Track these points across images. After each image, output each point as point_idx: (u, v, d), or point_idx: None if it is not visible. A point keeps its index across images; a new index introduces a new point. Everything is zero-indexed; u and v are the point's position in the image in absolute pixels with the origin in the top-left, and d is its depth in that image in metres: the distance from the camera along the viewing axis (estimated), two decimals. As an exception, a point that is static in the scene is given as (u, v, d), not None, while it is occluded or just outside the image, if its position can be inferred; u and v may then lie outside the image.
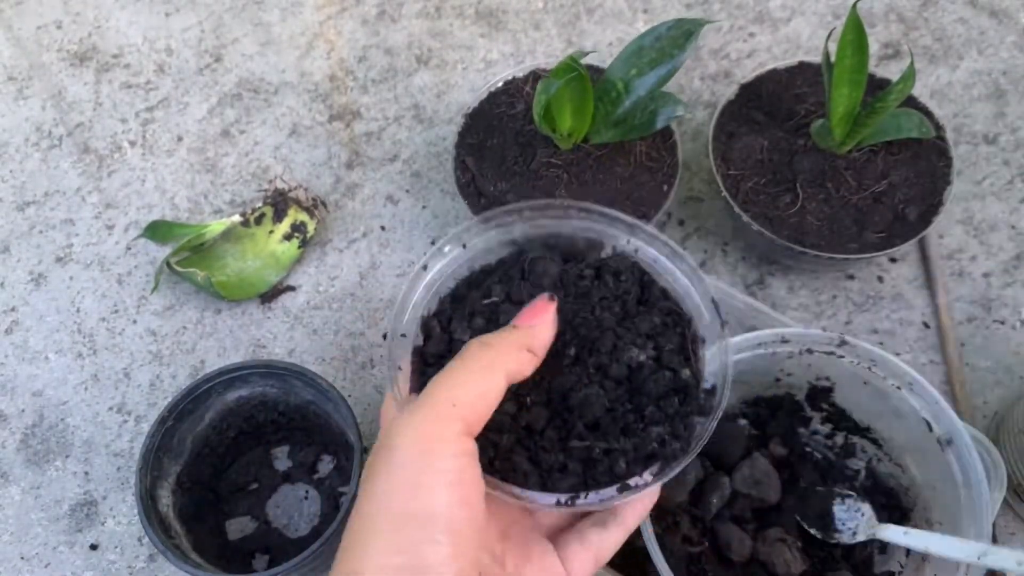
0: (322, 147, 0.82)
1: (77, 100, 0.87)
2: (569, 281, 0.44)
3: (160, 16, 0.91)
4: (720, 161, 0.68)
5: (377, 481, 0.34)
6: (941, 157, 0.67)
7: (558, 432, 0.40)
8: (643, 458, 0.39)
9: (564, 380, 0.41)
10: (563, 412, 0.40)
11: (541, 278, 0.43)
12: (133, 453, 0.69)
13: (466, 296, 0.44)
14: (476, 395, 0.35)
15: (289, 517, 0.65)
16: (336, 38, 0.88)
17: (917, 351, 0.68)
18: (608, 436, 0.40)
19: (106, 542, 0.66)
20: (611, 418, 0.40)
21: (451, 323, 0.43)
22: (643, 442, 0.39)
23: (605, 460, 0.39)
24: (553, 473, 0.39)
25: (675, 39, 0.64)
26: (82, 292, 0.76)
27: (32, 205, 0.81)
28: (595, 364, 0.41)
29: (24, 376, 0.73)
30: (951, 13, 0.83)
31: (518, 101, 0.73)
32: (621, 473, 0.39)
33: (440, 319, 0.44)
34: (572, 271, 0.44)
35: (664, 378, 0.41)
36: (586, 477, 0.39)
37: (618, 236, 0.45)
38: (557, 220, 0.46)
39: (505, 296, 0.43)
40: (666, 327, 0.43)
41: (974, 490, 0.50)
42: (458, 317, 0.43)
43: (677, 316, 0.43)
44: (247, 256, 0.74)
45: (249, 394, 0.63)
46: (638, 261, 0.45)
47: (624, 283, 0.44)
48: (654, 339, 0.42)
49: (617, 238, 0.45)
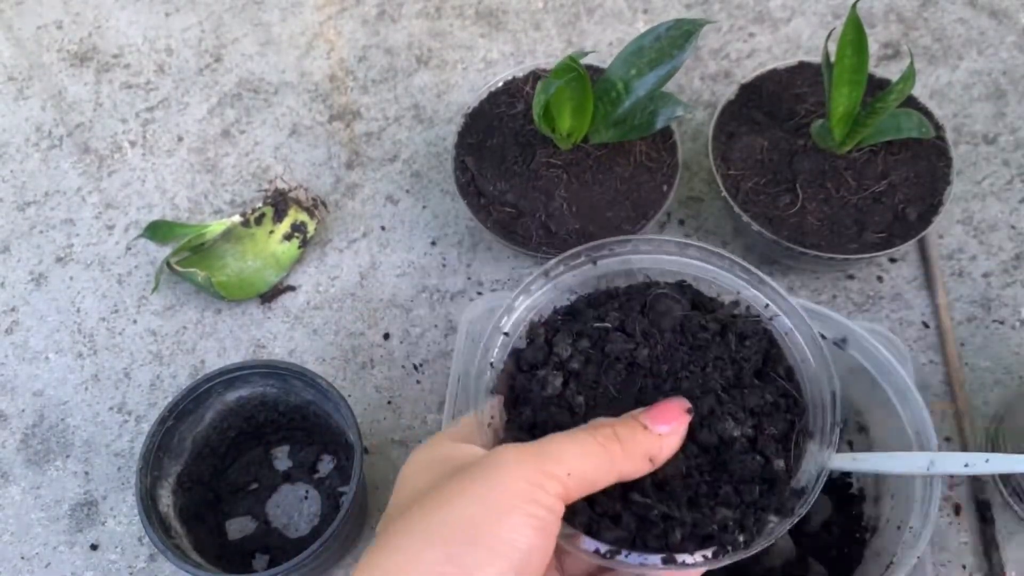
0: (322, 147, 0.82)
1: (77, 100, 0.87)
2: (690, 329, 0.41)
3: (160, 16, 0.91)
4: (720, 161, 0.69)
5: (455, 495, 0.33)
6: (941, 157, 0.67)
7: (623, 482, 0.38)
8: (700, 537, 0.37)
9: None
10: None
11: (661, 317, 0.41)
12: (133, 453, 0.69)
13: (582, 313, 0.43)
14: (590, 480, 0.35)
15: (289, 517, 0.65)
16: (336, 38, 0.88)
17: (917, 351, 0.68)
18: (671, 502, 0.37)
19: (106, 542, 0.66)
20: (683, 484, 0.37)
21: (556, 336, 0.41)
22: (705, 520, 0.37)
23: (661, 525, 0.37)
24: (604, 520, 0.37)
25: (675, 39, 0.64)
26: (82, 292, 0.76)
27: (32, 205, 0.81)
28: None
29: (24, 376, 0.73)
30: (951, 13, 0.83)
31: (518, 101, 0.73)
32: (673, 544, 0.36)
33: (547, 329, 0.42)
34: (696, 320, 0.41)
35: (753, 462, 0.38)
36: (636, 535, 0.37)
37: (758, 297, 0.43)
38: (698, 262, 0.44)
39: (619, 324, 0.41)
40: (776, 409, 0.40)
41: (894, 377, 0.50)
42: (565, 331, 0.41)
43: (793, 401, 0.40)
44: (247, 256, 0.74)
45: (249, 394, 0.63)
46: (771, 330, 0.42)
47: (747, 349, 0.41)
48: (758, 418, 0.39)
49: (757, 299, 0.43)
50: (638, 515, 0.37)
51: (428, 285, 0.74)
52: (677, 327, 0.41)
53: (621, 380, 0.40)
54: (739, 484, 0.38)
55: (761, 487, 0.38)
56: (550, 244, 0.68)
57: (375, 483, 0.66)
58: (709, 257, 0.44)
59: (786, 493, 0.38)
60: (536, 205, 0.68)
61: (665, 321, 0.41)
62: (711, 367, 0.40)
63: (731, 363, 0.40)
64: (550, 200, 0.68)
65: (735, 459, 0.38)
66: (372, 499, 0.65)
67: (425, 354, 0.71)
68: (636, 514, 0.37)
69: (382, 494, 0.66)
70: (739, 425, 0.38)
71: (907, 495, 0.54)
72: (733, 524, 0.37)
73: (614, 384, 0.40)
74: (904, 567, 0.51)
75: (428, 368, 0.70)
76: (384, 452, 0.67)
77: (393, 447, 0.68)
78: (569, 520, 0.36)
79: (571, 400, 0.39)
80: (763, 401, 0.39)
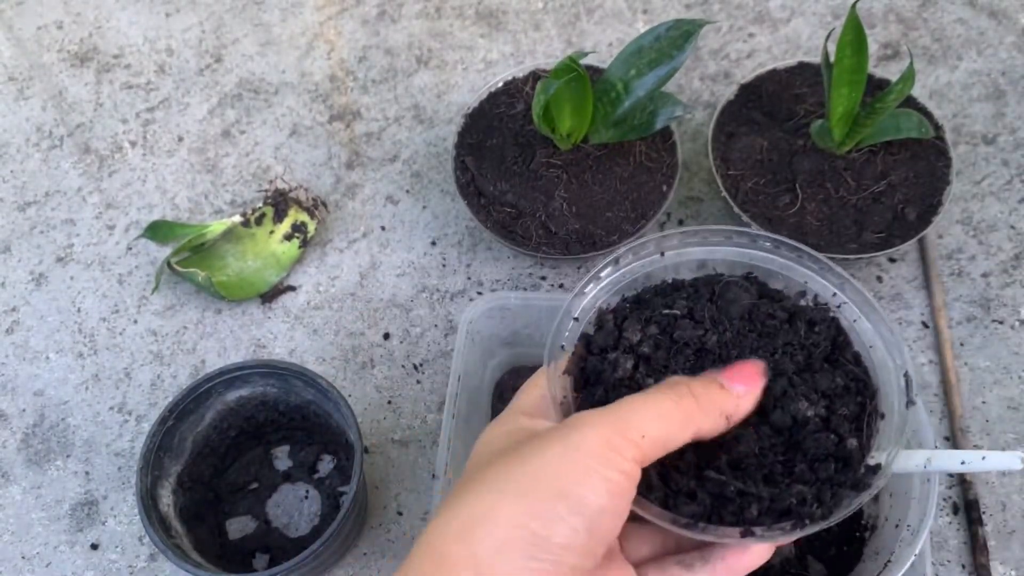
0: (322, 147, 0.82)
1: (78, 100, 0.87)
2: (759, 317, 0.41)
3: (160, 16, 0.91)
4: (720, 161, 0.69)
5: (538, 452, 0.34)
6: (940, 157, 0.67)
7: (698, 459, 0.38)
8: (777, 512, 0.37)
9: None
10: (710, 443, 0.38)
11: (730, 305, 0.41)
12: (134, 453, 0.69)
13: (649, 302, 0.43)
14: (664, 439, 0.35)
15: (289, 517, 0.65)
16: (336, 38, 0.88)
17: (916, 351, 0.68)
18: (747, 479, 0.37)
19: (107, 541, 0.66)
20: (757, 463, 0.38)
21: (625, 322, 0.42)
22: (782, 495, 0.37)
23: (737, 501, 0.37)
24: (680, 496, 0.37)
25: (674, 39, 0.64)
26: (83, 292, 0.76)
27: (33, 205, 0.81)
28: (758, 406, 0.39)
29: (25, 376, 0.73)
30: (950, 13, 0.84)
31: (518, 101, 0.73)
32: (750, 519, 0.37)
33: (616, 315, 0.43)
34: (764, 307, 0.42)
35: (827, 441, 0.38)
36: (712, 512, 0.37)
37: (826, 287, 0.43)
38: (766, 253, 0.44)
39: (687, 312, 0.42)
40: (847, 391, 0.40)
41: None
42: (634, 318, 0.42)
43: (863, 384, 0.41)
44: (247, 256, 0.74)
45: (250, 394, 0.63)
46: (838, 317, 0.43)
47: (816, 335, 0.41)
48: (829, 399, 0.39)
49: (825, 288, 0.43)
50: (713, 492, 0.37)
51: (428, 285, 0.74)
52: (746, 315, 0.41)
53: (690, 365, 0.40)
54: (814, 462, 0.38)
55: (836, 464, 0.38)
56: (550, 244, 0.68)
57: (375, 483, 0.66)
58: (779, 248, 0.45)
59: (861, 469, 0.38)
60: (536, 205, 0.68)
61: (734, 309, 0.41)
62: (781, 352, 0.40)
63: (800, 348, 0.41)
64: (550, 200, 0.68)
65: (809, 438, 0.38)
66: (372, 499, 0.66)
67: (425, 354, 0.71)
68: (711, 492, 0.37)
69: (382, 494, 0.66)
70: (812, 406, 0.39)
71: (905, 493, 0.54)
72: (811, 499, 0.37)
73: (683, 368, 0.40)
74: (902, 565, 0.51)
75: (428, 368, 0.71)
76: (384, 452, 0.68)
77: (393, 447, 0.68)
78: (645, 495, 0.37)
79: (641, 383, 0.40)
80: (834, 384, 0.40)
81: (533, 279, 0.74)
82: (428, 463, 0.67)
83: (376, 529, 0.65)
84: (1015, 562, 0.60)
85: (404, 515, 0.65)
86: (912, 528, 0.52)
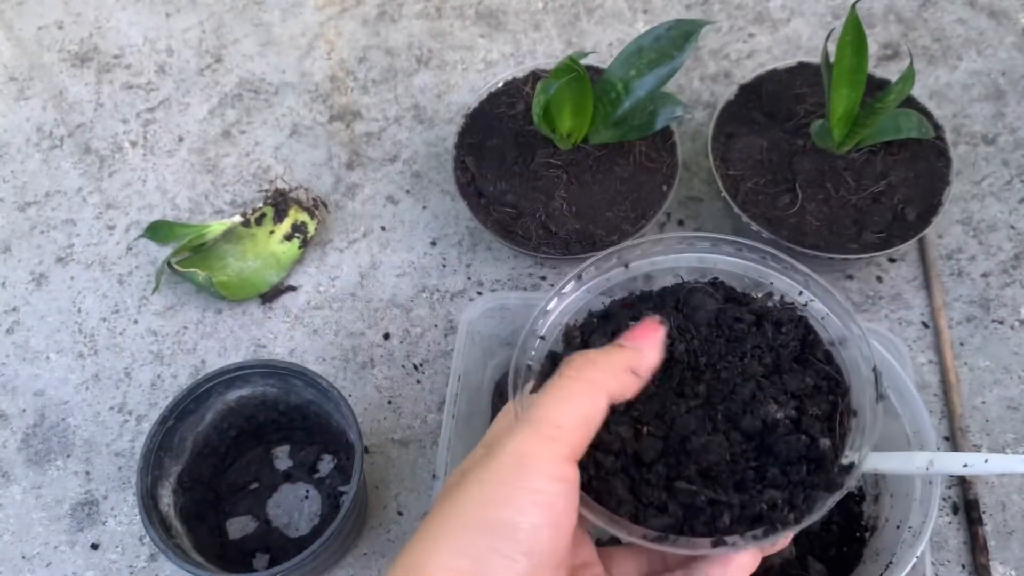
0: (322, 147, 0.82)
1: (78, 100, 0.87)
2: (725, 322, 0.41)
3: (161, 16, 0.91)
4: (720, 161, 0.69)
5: (466, 486, 0.33)
6: (940, 157, 0.67)
7: (667, 470, 0.38)
8: (749, 518, 0.37)
9: (688, 421, 0.38)
10: (679, 452, 0.38)
11: (695, 312, 0.41)
12: (134, 453, 0.69)
13: (616, 315, 0.43)
14: (580, 417, 0.34)
15: (289, 517, 0.65)
16: (336, 38, 0.88)
17: (916, 351, 0.68)
18: (718, 487, 0.37)
19: (107, 541, 0.66)
20: (729, 470, 0.38)
21: (592, 336, 0.42)
22: (753, 501, 0.37)
23: (708, 510, 0.37)
24: (650, 509, 0.37)
25: (675, 40, 0.64)
26: (83, 292, 0.76)
27: (33, 205, 0.81)
28: (726, 412, 0.39)
29: (25, 376, 0.73)
30: (950, 14, 0.84)
31: (518, 101, 0.73)
32: (722, 528, 0.36)
33: (584, 330, 0.42)
34: (731, 312, 0.41)
35: (799, 443, 0.38)
36: (684, 523, 0.37)
37: (792, 285, 0.43)
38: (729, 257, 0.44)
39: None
40: (818, 391, 0.40)
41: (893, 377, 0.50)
42: (600, 332, 0.42)
43: (834, 383, 0.40)
44: (248, 256, 0.74)
45: (250, 394, 0.63)
46: (806, 316, 0.42)
47: (784, 335, 0.41)
48: (800, 400, 0.39)
49: (791, 287, 0.43)
50: (684, 504, 0.37)
51: (428, 285, 0.74)
52: (712, 321, 0.41)
53: (659, 374, 0.40)
54: (785, 465, 0.38)
55: (808, 466, 0.38)
56: (550, 244, 0.68)
57: (375, 483, 0.66)
58: (741, 250, 0.44)
59: (834, 470, 0.38)
60: (536, 205, 0.68)
61: (700, 315, 0.41)
62: (749, 356, 0.40)
63: (769, 350, 0.40)
64: (550, 200, 0.68)
65: (780, 441, 0.38)
66: (372, 499, 0.66)
67: (425, 354, 0.71)
68: (682, 503, 0.37)
69: (382, 494, 0.66)
70: (781, 408, 0.38)
71: (906, 494, 0.54)
72: (782, 503, 0.37)
73: (652, 380, 0.40)
74: (904, 567, 0.51)
75: (428, 368, 0.71)
76: (384, 452, 0.68)
77: (393, 447, 0.68)
78: (615, 510, 0.37)
79: None
80: (804, 384, 0.40)
81: (533, 279, 0.74)
82: (428, 463, 0.67)
83: (376, 529, 0.65)
84: (1015, 562, 0.60)
85: (404, 515, 0.65)
86: (914, 530, 0.52)
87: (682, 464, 0.38)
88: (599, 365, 0.36)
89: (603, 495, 0.37)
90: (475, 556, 0.32)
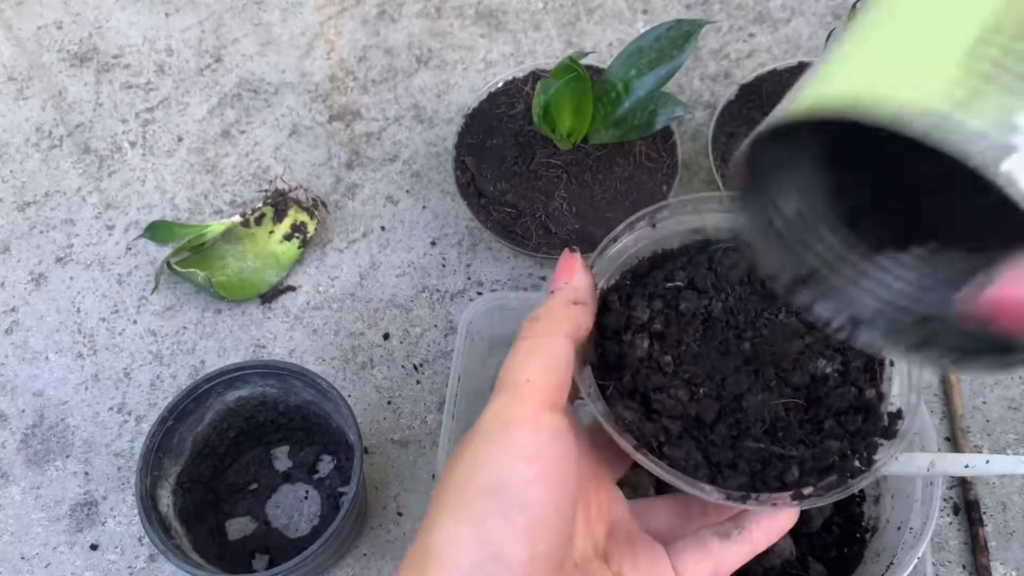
0: (322, 147, 0.82)
1: (77, 100, 0.87)
2: (758, 279, 0.41)
3: (160, 16, 0.91)
4: (720, 161, 0.69)
5: (457, 459, 0.34)
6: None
7: (729, 429, 0.38)
8: (818, 470, 0.37)
9: (740, 379, 0.39)
10: (736, 411, 0.39)
11: (729, 270, 0.41)
12: (133, 453, 0.69)
13: (647, 275, 0.43)
14: (546, 366, 0.35)
15: (289, 517, 0.65)
16: (336, 38, 0.88)
17: (917, 351, 0.68)
18: (784, 442, 0.38)
19: (106, 542, 0.66)
20: (786, 425, 0.38)
21: (631, 300, 0.42)
22: (822, 453, 0.37)
23: (777, 465, 0.37)
24: (724, 469, 0.38)
25: (674, 40, 0.64)
26: (82, 292, 0.76)
27: (32, 205, 0.81)
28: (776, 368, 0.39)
29: (24, 376, 0.73)
30: (951, 13, 0.83)
31: (518, 101, 0.73)
32: (791, 481, 0.37)
33: (620, 294, 0.42)
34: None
35: (848, 394, 0.39)
36: (755, 479, 0.37)
37: None
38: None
39: (688, 282, 0.42)
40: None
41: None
42: (638, 295, 0.42)
43: None
44: (247, 256, 0.74)
45: (249, 394, 0.63)
46: None
47: None
48: (842, 353, 0.40)
49: None
50: (752, 460, 0.38)
51: (428, 285, 0.74)
52: (745, 279, 0.42)
53: (701, 335, 0.40)
54: (840, 416, 0.38)
55: (861, 415, 0.39)
56: (550, 244, 0.68)
57: (375, 483, 0.66)
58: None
59: (884, 417, 0.39)
60: (536, 205, 0.68)
61: (733, 274, 0.41)
62: (786, 312, 0.40)
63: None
64: (550, 200, 0.68)
65: (832, 394, 0.39)
66: (372, 499, 0.65)
67: (425, 354, 0.71)
68: (749, 459, 0.38)
69: (382, 494, 0.66)
70: (829, 362, 0.39)
71: (907, 495, 0.54)
72: (849, 453, 0.37)
73: (695, 340, 0.40)
74: (905, 568, 0.51)
75: (428, 368, 0.71)
76: (384, 452, 0.67)
77: (393, 447, 0.68)
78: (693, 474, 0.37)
79: (659, 360, 0.40)
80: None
81: (533, 279, 0.74)
82: (428, 463, 0.67)
83: (376, 530, 0.65)
84: (1015, 563, 0.60)
85: (404, 515, 0.65)
86: (915, 531, 0.51)
87: (742, 423, 0.38)
88: (543, 315, 0.37)
89: (677, 461, 0.38)
90: (474, 522, 0.32)
